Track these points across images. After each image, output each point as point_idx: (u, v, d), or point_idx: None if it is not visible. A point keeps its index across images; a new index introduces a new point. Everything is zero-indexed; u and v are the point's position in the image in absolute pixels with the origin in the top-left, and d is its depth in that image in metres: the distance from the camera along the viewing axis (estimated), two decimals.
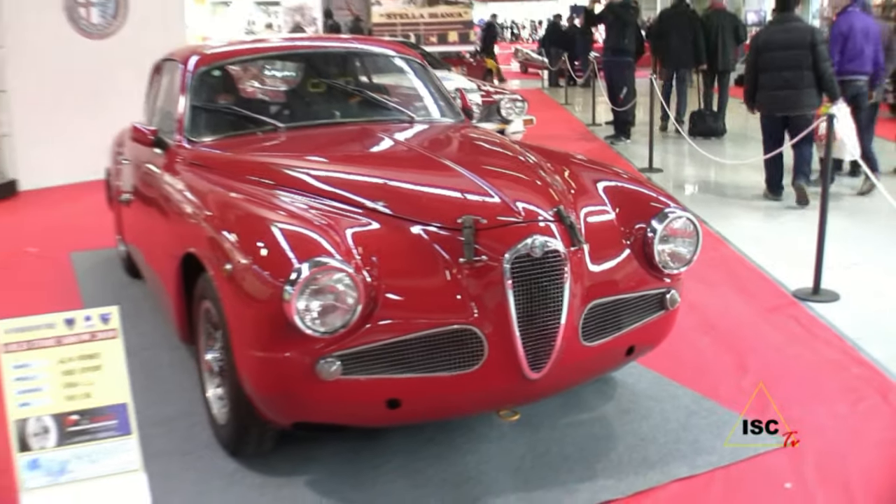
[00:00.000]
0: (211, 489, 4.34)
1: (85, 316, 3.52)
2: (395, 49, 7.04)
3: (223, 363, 4.44)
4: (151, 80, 7.29)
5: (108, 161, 8.26)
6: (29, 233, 10.18)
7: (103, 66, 12.93)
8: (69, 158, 12.41)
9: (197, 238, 4.59)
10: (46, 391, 3.49)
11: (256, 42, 9.32)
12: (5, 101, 12.56)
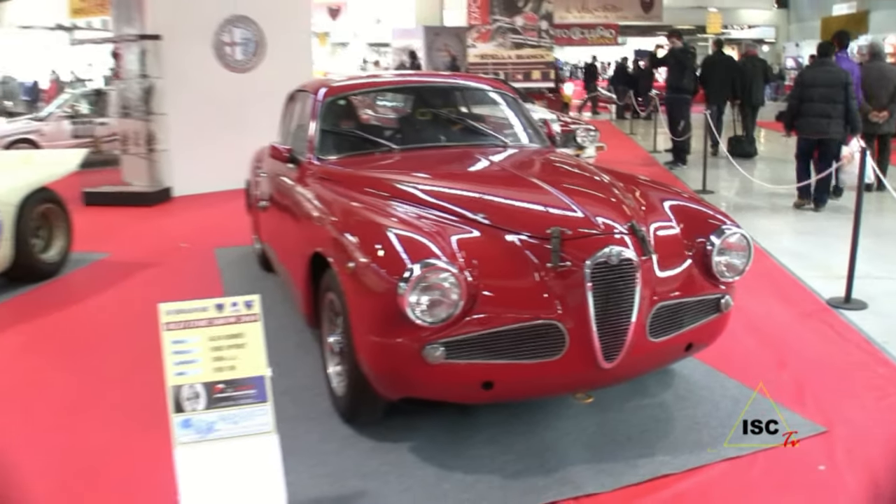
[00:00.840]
0: (329, 450, 4.39)
1: (232, 302, 3.57)
2: (490, 84, 7.05)
3: (343, 345, 4.49)
4: (286, 107, 7.37)
5: (248, 173, 8.36)
6: (181, 231, 10.41)
7: (244, 94, 13.10)
8: (214, 170, 12.57)
9: (324, 240, 4.66)
10: (198, 363, 3.54)
11: (373, 77, 9.40)
12: (165, 123, 12.82)
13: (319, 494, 3.95)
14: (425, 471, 4.16)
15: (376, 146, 5.98)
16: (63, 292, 7.96)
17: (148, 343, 6.05)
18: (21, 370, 6.06)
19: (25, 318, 7.15)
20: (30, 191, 7.96)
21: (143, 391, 5.28)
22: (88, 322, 7.07)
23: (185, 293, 7.19)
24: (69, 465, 4.50)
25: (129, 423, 4.93)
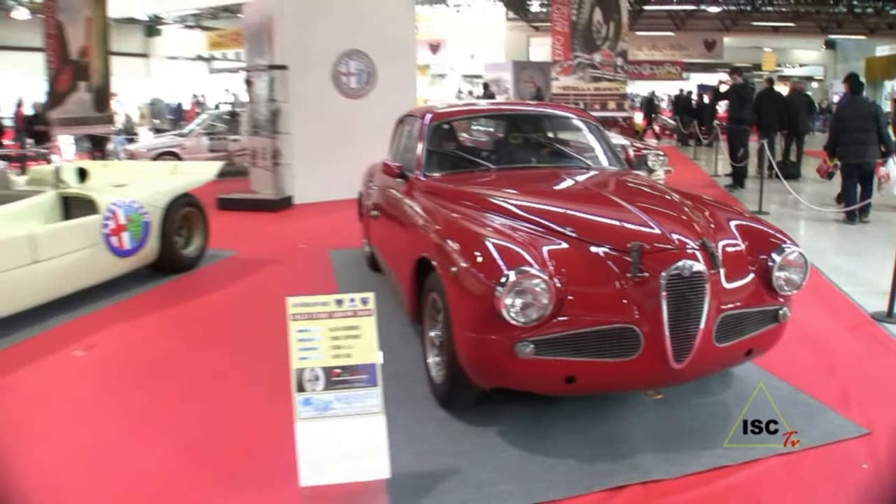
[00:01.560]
0: (426, 431, 4.38)
1: (350, 298, 3.58)
2: (575, 113, 6.98)
3: (443, 339, 4.48)
4: (395, 129, 7.38)
5: (360, 186, 8.37)
6: (300, 233, 10.49)
7: (356, 117, 13.16)
8: (329, 182, 12.72)
9: (429, 246, 4.65)
10: (319, 350, 3.56)
11: (471, 104, 9.39)
12: (289, 141, 12.99)
13: (417, 469, 3.93)
14: (511, 452, 4.12)
15: (475, 165, 5.96)
16: (199, 283, 8.10)
17: (271, 329, 6.13)
18: (162, 348, 6.17)
19: (167, 303, 7.29)
20: (174, 196, 8.13)
21: (267, 370, 5.36)
22: (220, 309, 7.18)
23: (304, 288, 7.28)
24: (203, 431, 4.58)
25: (254, 397, 4.99)
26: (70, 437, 4.58)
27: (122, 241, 7.39)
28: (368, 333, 3.60)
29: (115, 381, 5.51)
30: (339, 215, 11.25)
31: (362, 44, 13.51)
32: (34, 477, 4.11)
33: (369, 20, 13.57)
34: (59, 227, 6.93)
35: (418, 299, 5.00)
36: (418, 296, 4.99)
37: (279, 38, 13.03)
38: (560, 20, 18.58)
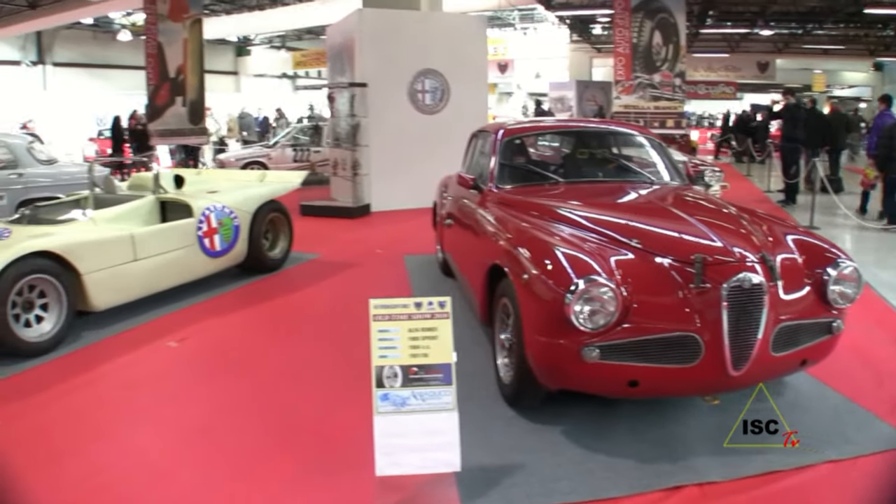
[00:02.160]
0: (494, 427, 4.34)
1: (428, 301, 3.58)
2: (637, 130, 6.90)
3: (512, 342, 4.44)
4: (469, 143, 7.36)
5: (434, 196, 8.36)
6: (377, 239, 10.51)
7: (430, 132, 13.21)
8: (404, 192, 12.74)
9: (502, 254, 4.62)
10: (398, 349, 3.58)
11: (539, 121, 9.34)
12: (367, 153, 13.05)
13: (486, 464, 3.89)
14: (574, 450, 4.07)
15: (544, 179, 5.92)
16: (284, 283, 8.16)
17: (350, 327, 6.21)
18: (250, 341, 6.26)
19: (254, 301, 7.39)
20: (262, 202, 8.24)
21: (346, 364, 5.41)
22: (303, 307, 7.23)
23: (381, 290, 7.30)
24: (287, 419, 4.62)
25: (334, 389, 5.03)
26: (165, 421, 4.67)
27: (214, 242, 7.52)
28: (445, 335, 3.60)
29: (206, 371, 5.61)
30: (414, 223, 11.26)
31: (437, 63, 13.52)
32: (135, 456, 4.19)
33: (444, 42, 13.60)
34: (157, 228, 7.09)
35: (489, 303, 4.97)
36: (490, 300, 4.96)
37: (359, 58, 13.13)
38: (622, 42, 18.42)
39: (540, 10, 29.28)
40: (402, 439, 3.60)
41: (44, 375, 5.49)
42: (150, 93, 15.07)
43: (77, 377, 5.43)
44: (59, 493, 3.82)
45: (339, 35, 14.31)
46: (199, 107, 14.29)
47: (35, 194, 10.84)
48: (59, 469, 4.07)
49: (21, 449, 4.33)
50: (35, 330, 5.87)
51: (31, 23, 24.59)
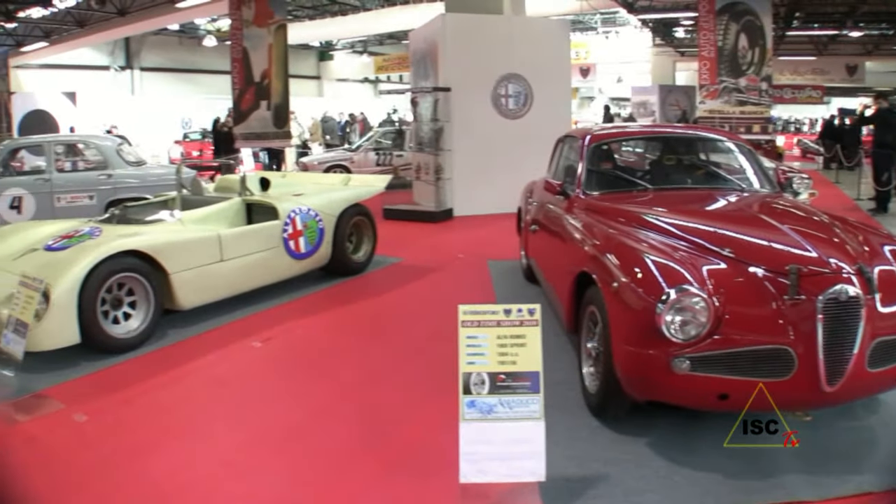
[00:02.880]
0: (579, 437, 4.29)
1: (518, 308, 3.56)
2: (727, 136, 6.74)
3: (599, 350, 4.37)
4: (555, 148, 7.31)
5: (519, 201, 8.33)
6: (460, 244, 10.52)
7: (513, 137, 13.16)
8: (487, 197, 12.72)
9: (590, 261, 4.56)
10: (486, 356, 3.55)
11: (626, 127, 9.24)
12: (450, 158, 13.09)
13: (569, 473, 3.84)
14: (659, 463, 3.99)
15: (632, 185, 5.83)
16: (367, 286, 8.23)
17: (434, 331, 6.22)
18: (333, 342, 6.33)
19: (338, 303, 7.46)
20: (347, 205, 8.30)
21: (430, 368, 5.43)
22: (386, 310, 7.28)
23: (464, 295, 7.30)
24: (371, 421, 4.64)
25: (417, 393, 5.04)
26: (249, 420, 4.74)
27: (299, 244, 7.61)
28: (533, 343, 3.57)
29: (290, 371, 5.68)
30: (496, 228, 11.19)
31: (521, 68, 13.46)
32: (218, 454, 4.26)
33: (527, 46, 13.53)
34: (243, 230, 7.22)
35: (576, 311, 4.92)
36: (576, 308, 4.90)
37: (443, 62, 13.18)
38: (706, 46, 18.06)
39: (622, 13, 29.03)
40: (488, 447, 3.58)
41: (130, 371, 5.65)
42: (236, 97, 15.38)
43: (163, 374, 5.56)
44: (143, 489, 3.90)
45: (423, 40, 14.38)
46: (284, 111, 14.53)
47: (123, 195, 11.17)
48: (144, 464, 4.16)
49: (107, 443, 4.45)
50: (123, 327, 6.04)
51: (120, 29, 25.33)
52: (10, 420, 4.82)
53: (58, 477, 4.07)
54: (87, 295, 5.66)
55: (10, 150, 11.79)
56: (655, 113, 30.45)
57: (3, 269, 6.36)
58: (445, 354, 5.50)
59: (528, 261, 7.59)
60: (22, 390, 5.21)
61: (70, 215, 10.31)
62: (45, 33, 27.28)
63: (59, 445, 4.46)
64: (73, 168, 13.06)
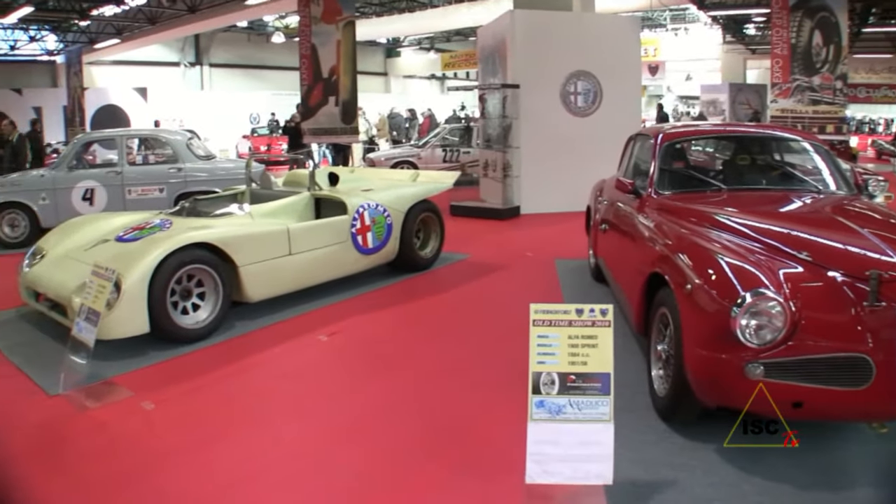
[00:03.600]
0: (646, 441, 4.22)
1: (590, 309, 3.51)
2: (803, 136, 6.57)
3: (669, 353, 4.30)
4: (626, 146, 7.23)
5: (588, 200, 8.25)
6: (527, 242, 10.47)
7: (582, 135, 13.05)
8: (555, 195, 12.66)
9: (662, 262, 4.48)
10: (557, 356, 3.52)
11: (698, 125, 9.10)
12: (517, 154, 13.05)
13: (635, 478, 3.79)
14: (728, 471, 3.89)
15: (706, 185, 5.72)
16: (434, 282, 8.24)
17: (501, 329, 6.21)
18: (399, 338, 6.35)
19: (404, 298, 7.49)
20: (415, 201, 8.33)
21: (496, 367, 5.40)
22: (453, 307, 7.26)
23: (531, 293, 7.28)
24: (436, 419, 4.63)
25: (484, 392, 5.01)
26: (314, 414, 4.79)
27: (367, 239, 7.65)
28: (605, 344, 3.53)
29: (356, 366, 5.72)
30: (564, 226, 11.14)
31: (590, 65, 13.34)
32: (283, 447, 4.30)
33: (597, 43, 13.42)
34: (311, 224, 7.29)
35: (646, 313, 4.84)
36: (646, 309, 4.83)
37: (511, 59, 13.14)
38: (779, 43, 17.68)
39: (692, 9, 28.64)
40: (555, 448, 3.55)
41: (198, 362, 5.75)
42: (304, 93, 15.52)
43: (230, 365, 5.65)
44: (209, 478, 3.96)
45: (491, 36, 14.35)
46: (352, 107, 14.62)
47: (193, 188, 11.38)
48: (210, 454, 4.22)
49: (173, 431, 4.54)
50: (192, 317, 6.15)
51: (191, 26, 25.84)
52: (80, 405, 4.94)
53: (126, 463, 4.16)
54: (158, 285, 5.78)
55: (83, 144, 12.10)
56: (725, 112, 30.00)
57: (76, 258, 6.53)
58: (513, 353, 5.49)
59: (597, 260, 7.51)
60: (93, 377, 5.32)
61: (140, 207, 10.52)
62: (118, 30, 27.89)
63: (128, 432, 4.56)
64: (144, 161, 13.34)
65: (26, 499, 3.84)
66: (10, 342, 6.37)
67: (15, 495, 3.89)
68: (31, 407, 5.01)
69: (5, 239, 11.29)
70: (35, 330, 6.71)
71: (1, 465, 4.20)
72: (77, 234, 7.15)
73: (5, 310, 7.43)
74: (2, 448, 4.43)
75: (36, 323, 6.86)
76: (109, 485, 3.93)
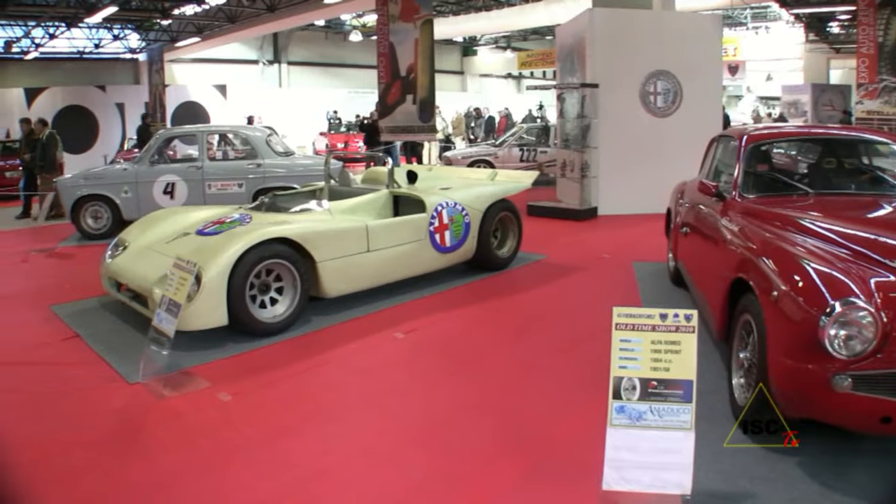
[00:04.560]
0: (726, 451, 4.09)
1: (674, 314, 3.46)
2: (892, 138, 6.36)
3: (752, 362, 4.18)
4: (708, 148, 7.09)
5: (668, 202, 8.11)
6: (604, 244, 10.35)
7: (661, 135, 12.88)
8: (633, 196, 12.52)
9: (746, 268, 4.37)
10: (639, 361, 3.48)
11: (782, 127, 8.91)
12: (595, 155, 12.95)
13: (713, 489, 3.70)
14: (810, 485, 3.77)
15: (792, 189, 5.56)
16: (511, 282, 8.21)
17: (577, 332, 6.17)
18: (476, 338, 6.33)
19: (481, 298, 7.48)
20: (493, 201, 8.32)
21: (574, 370, 5.36)
22: (529, 308, 7.22)
23: (609, 296, 7.22)
24: (513, 420, 4.60)
25: (562, 394, 4.97)
26: (389, 411, 4.82)
27: (444, 238, 7.67)
28: (689, 350, 3.47)
29: (431, 364, 5.73)
30: (642, 228, 11.01)
31: (670, 64, 13.13)
32: (358, 443, 4.34)
33: (677, 42, 13.20)
34: (390, 222, 7.34)
35: (728, 319, 4.72)
36: (729, 315, 4.71)
37: (590, 58, 13.03)
38: (865, 41, 17.16)
39: (774, 7, 28.04)
40: (634, 454, 3.50)
41: (274, 355, 5.83)
42: (382, 91, 15.61)
43: (306, 359, 5.73)
44: (285, 471, 4.00)
45: (570, 35, 14.27)
46: (430, 105, 14.65)
47: (271, 184, 11.55)
48: (286, 447, 4.28)
49: (249, 423, 4.62)
50: (269, 311, 6.25)
51: (269, 25, 26.20)
52: (158, 394, 5.07)
53: (202, 453, 4.25)
54: (237, 279, 5.88)
55: (164, 139, 12.38)
56: (808, 113, 29.34)
57: (158, 250, 6.69)
58: (590, 356, 5.47)
59: (677, 264, 7.38)
60: (171, 367, 5.46)
61: (219, 202, 10.74)
62: (198, 29, 28.48)
63: (204, 422, 4.66)
64: (223, 157, 13.58)
65: (103, 484, 3.95)
66: (92, 330, 6.58)
67: (90, 480, 4.00)
68: (111, 393, 5.17)
69: (88, 230, 11.65)
70: (116, 319, 6.91)
71: (79, 450, 4.33)
72: (158, 227, 7.33)
73: (87, 298, 7.66)
74: (82, 433, 4.57)
75: (117, 312, 7.06)
76: (185, 474, 4.01)
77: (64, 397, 5.15)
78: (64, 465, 4.15)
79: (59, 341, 6.38)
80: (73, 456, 4.25)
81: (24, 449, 4.34)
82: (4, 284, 8.89)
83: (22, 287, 8.73)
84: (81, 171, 12.43)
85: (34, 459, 4.21)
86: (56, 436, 4.53)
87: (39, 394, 5.23)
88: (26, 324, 6.99)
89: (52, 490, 3.90)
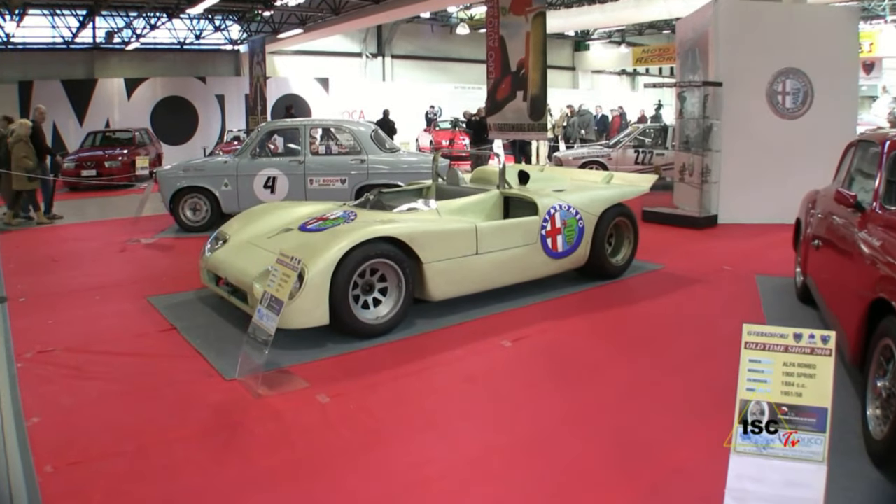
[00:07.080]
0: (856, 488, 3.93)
1: (809, 334, 3.32)
2: None
3: (891, 391, 3.99)
4: (844, 154, 6.81)
5: (798, 212, 7.82)
6: (725, 254, 10.11)
7: (789, 139, 12.48)
8: (757, 204, 12.24)
9: (888, 287, 4.15)
10: (769, 384, 3.35)
11: None
12: (717, 158, 12.67)
13: None
14: None
15: None
16: (625, 292, 8.11)
17: (696, 349, 6.07)
18: (587, 349, 6.26)
19: (593, 307, 7.40)
20: (609, 205, 8.21)
21: (695, 387, 5.25)
22: (645, 320, 7.11)
23: (729, 312, 7.08)
24: (629, 438, 4.52)
25: (681, 413, 4.87)
26: (493, 422, 4.80)
27: (557, 243, 7.62)
28: (824, 375, 3.32)
29: (539, 375, 5.68)
30: (766, 239, 10.76)
31: (800, 62, 12.70)
32: (460, 453, 4.32)
33: (808, 37, 12.76)
34: (500, 223, 7.33)
35: (865, 343, 4.50)
36: (866, 339, 4.49)
37: (713, 55, 12.76)
38: None
39: None
40: (759, 485, 3.36)
41: (376, 358, 5.89)
42: (491, 86, 15.60)
43: (408, 364, 5.77)
44: (384, 478, 4.02)
45: (692, 29, 14.00)
46: (541, 102, 14.57)
47: (374, 180, 11.68)
48: (385, 453, 4.31)
49: (348, 427, 4.66)
50: (372, 312, 6.32)
51: (374, 17, 26.45)
52: (255, 392, 5.18)
53: (298, 455, 4.31)
54: (340, 278, 5.95)
55: (267, 133, 12.63)
56: None
57: (259, 245, 6.83)
58: (709, 374, 5.36)
59: (805, 279, 7.11)
60: (270, 364, 5.57)
61: (321, 198, 10.92)
62: (301, 20, 29.05)
63: (302, 423, 4.73)
64: (327, 151, 13.78)
65: (200, 480, 4.04)
66: (189, 323, 6.79)
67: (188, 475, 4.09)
68: (207, 389, 5.32)
69: (187, 222, 12.00)
70: (212, 312, 7.11)
71: (178, 444, 4.44)
72: (260, 222, 7.48)
73: (185, 291, 7.88)
74: (180, 427, 4.70)
75: (212, 305, 7.26)
76: (281, 475, 4.07)
77: (161, 390, 5.33)
78: (162, 458, 4.27)
79: (156, 332, 6.63)
80: (172, 450, 4.37)
81: (126, 439, 4.49)
82: (103, 274, 9.26)
83: (119, 277, 9.08)
84: (181, 163, 12.84)
85: (136, 450, 4.35)
86: (155, 428, 4.67)
87: (139, 385, 5.42)
88: (124, 314, 7.27)
89: (151, 483, 4.01)
